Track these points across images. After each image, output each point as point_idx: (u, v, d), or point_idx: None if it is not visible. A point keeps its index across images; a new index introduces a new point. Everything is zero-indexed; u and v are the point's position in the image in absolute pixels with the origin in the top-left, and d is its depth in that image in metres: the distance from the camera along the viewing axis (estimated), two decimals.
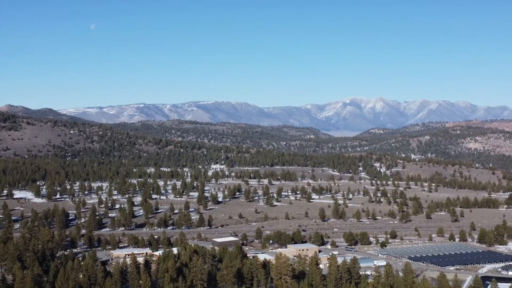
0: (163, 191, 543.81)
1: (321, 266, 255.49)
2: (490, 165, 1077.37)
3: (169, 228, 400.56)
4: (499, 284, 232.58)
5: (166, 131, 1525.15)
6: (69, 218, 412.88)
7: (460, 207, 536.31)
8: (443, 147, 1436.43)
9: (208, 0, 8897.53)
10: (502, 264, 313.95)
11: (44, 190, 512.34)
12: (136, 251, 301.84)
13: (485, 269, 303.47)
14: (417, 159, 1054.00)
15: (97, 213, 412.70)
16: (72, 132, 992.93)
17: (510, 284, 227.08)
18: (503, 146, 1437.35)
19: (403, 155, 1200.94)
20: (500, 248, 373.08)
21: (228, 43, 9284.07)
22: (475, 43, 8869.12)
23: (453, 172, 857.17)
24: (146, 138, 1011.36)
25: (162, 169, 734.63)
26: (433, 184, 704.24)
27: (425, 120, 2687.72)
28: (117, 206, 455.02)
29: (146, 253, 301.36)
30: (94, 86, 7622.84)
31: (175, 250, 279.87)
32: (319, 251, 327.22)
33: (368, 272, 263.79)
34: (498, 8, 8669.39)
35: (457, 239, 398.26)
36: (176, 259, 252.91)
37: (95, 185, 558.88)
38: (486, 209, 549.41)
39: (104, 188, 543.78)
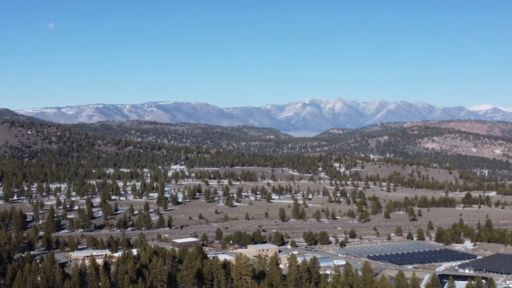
0: (123, 192, 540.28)
1: (281, 266, 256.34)
2: (447, 164, 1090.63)
3: (128, 229, 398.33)
4: (456, 282, 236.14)
5: (126, 132, 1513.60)
6: (27, 220, 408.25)
7: (418, 207, 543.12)
8: (401, 147, 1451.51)
9: (167, 3, 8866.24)
10: (459, 262, 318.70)
11: (1, 192, 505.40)
12: (95, 252, 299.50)
13: (443, 267, 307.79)
14: (376, 159, 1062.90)
15: (56, 215, 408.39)
16: (29, 132, 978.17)
17: (466, 282, 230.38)
18: (460, 146, 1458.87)
19: (362, 155, 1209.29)
20: (457, 247, 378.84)
21: (188, 44, 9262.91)
22: (431, 45, 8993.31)
23: (411, 172, 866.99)
24: (105, 139, 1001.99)
25: (121, 170, 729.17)
26: (392, 184, 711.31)
27: (384, 120, 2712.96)
28: (76, 207, 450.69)
29: (106, 254, 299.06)
30: (52, 86, 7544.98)
31: (134, 251, 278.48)
32: (279, 251, 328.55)
33: (328, 272, 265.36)
34: (456, 12, 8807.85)
35: (415, 238, 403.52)
36: (135, 261, 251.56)
37: (53, 186, 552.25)
38: (444, 208, 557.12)
39: (62, 189, 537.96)
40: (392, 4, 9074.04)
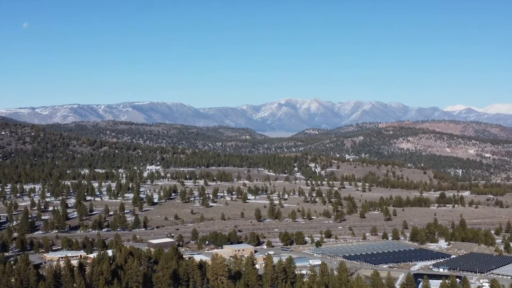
0: (98, 193, 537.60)
1: (257, 266, 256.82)
2: (422, 164, 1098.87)
3: (104, 230, 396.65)
4: (430, 281, 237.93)
5: (101, 132, 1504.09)
6: (1, 221, 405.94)
7: (393, 206, 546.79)
8: (377, 147, 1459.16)
9: (142, 4, 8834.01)
10: (433, 262, 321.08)
11: None
12: (70, 253, 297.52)
13: (417, 266, 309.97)
14: (351, 159, 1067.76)
15: (30, 216, 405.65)
16: (3, 133, 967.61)
17: (441, 281, 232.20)
18: (434, 146, 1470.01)
19: (338, 155, 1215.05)
20: (432, 246, 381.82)
21: (164, 45, 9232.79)
22: (406, 47, 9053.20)
23: (386, 172, 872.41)
24: (80, 139, 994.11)
25: (96, 170, 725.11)
26: (367, 184, 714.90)
27: (359, 120, 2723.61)
28: (50, 208, 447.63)
29: (81, 255, 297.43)
30: (26, 86, 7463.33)
31: (110, 252, 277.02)
32: (255, 251, 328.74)
33: (304, 272, 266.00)
34: (430, 15, 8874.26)
35: (390, 238, 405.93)
36: (111, 261, 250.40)
37: (27, 187, 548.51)
38: (418, 208, 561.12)
39: (37, 190, 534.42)
40: (367, 7, 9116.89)
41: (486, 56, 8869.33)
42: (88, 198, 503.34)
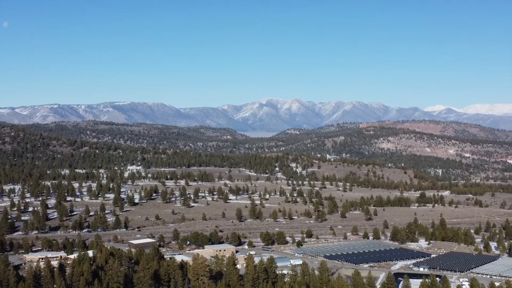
0: (78, 193, 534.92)
1: (238, 266, 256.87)
2: (402, 164, 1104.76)
3: (84, 230, 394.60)
4: (410, 280, 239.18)
5: (81, 132, 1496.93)
6: None
7: (374, 206, 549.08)
8: (357, 147, 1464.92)
9: (120, 5, 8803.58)
10: (413, 261, 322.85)
11: None
12: (50, 254, 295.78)
13: (398, 265, 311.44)
14: (332, 159, 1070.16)
15: (9, 217, 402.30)
16: None
17: (421, 280, 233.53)
18: (414, 146, 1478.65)
19: (319, 155, 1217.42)
20: (412, 245, 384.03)
21: (144, 45, 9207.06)
22: (386, 48, 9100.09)
23: (366, 171, 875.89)
24: (60, 139, 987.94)
25: (77, 170, 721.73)
26: (348, 184, 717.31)
27: (340, 120, 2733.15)
28: (30, 209, 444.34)
29: (61, 256, 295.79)
30: (5, 86, 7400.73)
31: (90, 253, 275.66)
32: (236, 251, 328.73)
33: (285, 271, 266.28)
34: (409, 15, 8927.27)
35: (371, 237, 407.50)
36: (91, 262, 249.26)
37: (7, 187, 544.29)
38: (399, 207, 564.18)
39: (16, 190, 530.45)
40: (348, 8, 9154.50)
41: (466, 57, 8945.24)
42: (68, 198, 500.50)
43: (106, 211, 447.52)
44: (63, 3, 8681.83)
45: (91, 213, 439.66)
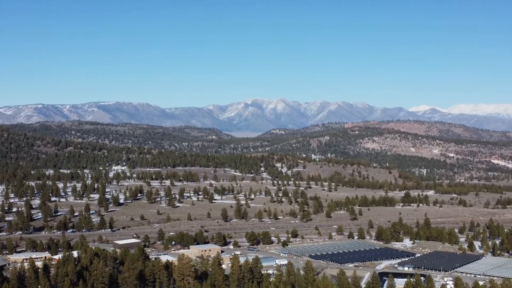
0: (63, 193, 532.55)
1: (223, 266, 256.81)
2: (387, 164, 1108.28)
3: (69, 231, 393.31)
4: (395, 279, 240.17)
5: (66, 132, 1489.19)
6: None
7: (359, 206, 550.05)
8: (342, 147, 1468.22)
9: (104, 3, 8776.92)
10: (398, 260, 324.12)
11: None
12: (34, 255, 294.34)
13: (382, 265, 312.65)
14: (317, 159, 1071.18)
15: None
16: None
17: (406, 279, 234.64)
18: (399, 146, 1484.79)
19: (304, 155, 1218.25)
20: (397, 245, 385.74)
21: (130, 44, 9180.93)
22: (371, 48, 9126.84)
23: (352, 171, 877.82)
24: (44, 139, 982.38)
25: (61, 171, 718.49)
26: (333, 184, 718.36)
27: (325, 120, 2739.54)
28: (14, 209, 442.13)
29: (45, 257, 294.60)
30: None
31: (75, 254, 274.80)
32: (222, 251, 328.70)
33: (270, 271, 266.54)
34: (392, 16, 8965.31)
35: (356, 237, 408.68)
36: (76, 263, 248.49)
37: None
38: (383, 207, 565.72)
39: (0, 191, 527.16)
40: (333, 9, 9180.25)
41: (450, 58, 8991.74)
42: (53, 199, 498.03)
43: (91, 212, 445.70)
44: (46, 4, 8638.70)
45: (76, 214, 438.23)
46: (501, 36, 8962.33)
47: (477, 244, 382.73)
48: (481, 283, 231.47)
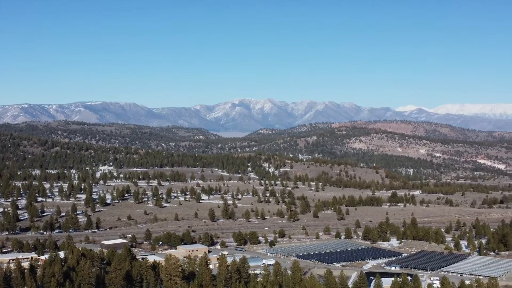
0: (49, 194, 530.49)
1: (211, 266, 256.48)
2: (374, 164, 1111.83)
3: (55, 231, 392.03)
4: (382, 279, 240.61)
5: (52, 132, 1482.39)
6: None
7: (346, 206, 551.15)
8: (330, 147, 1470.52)
9: (95, 2, 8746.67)
10: (385, 260, 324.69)
11: None
12: (20, 255, 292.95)
13: (370, 265, 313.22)
14: (304, 159, 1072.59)
15: None
16: None
17: (393, 278, 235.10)
18: (386, 146, 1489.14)
19: (291, 155, 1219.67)
20: (384, 245, 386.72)
21: (115, 42, 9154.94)
22: (358, 48, 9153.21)
23: (339, 171, 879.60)
24: (31, 139, 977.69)
25: (48, 171, 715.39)
26: (320, 184, 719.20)
27: (312, 120, 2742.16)
28: (1, 210, 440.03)
29: (32, 257, 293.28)
30: None
31: (62, 254, 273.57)
32: (209, 252, 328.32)
33: (258, 271, 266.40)
34: (380, 17, 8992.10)
35: (343, 237, 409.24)
36: (63, 263, 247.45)
37: None
38: (370, 207, 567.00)
39: None
40: (319, 9, 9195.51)
41: (437, 58, 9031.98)
42: (39, 199, 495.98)
43: (77, 212, 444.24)
44: (29, 3, 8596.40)
45: (63, 214, 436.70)
46: (487, 36, 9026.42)
47: (463, 243, 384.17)
48: (467, 282, 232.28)
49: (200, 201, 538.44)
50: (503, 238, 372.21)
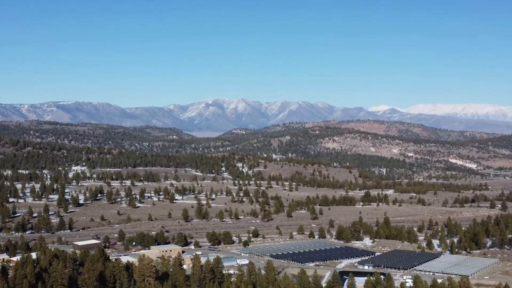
0: (21, 194, 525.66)
1: (184, 266, 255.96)
2: (347, 164, 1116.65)
3: (27, 232, 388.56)
4: (355, 278, 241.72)
5: (24, 132, 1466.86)
6: None
7: (320, 205, 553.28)
8: (303, 147, 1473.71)
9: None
10: (358, 259, 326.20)
11: None
12: None
13: (343, 264, 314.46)
14: (278, 159, 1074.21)
15: None
16: None
17: (366, 278, 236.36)
18: (359, 146, 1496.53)
19: (265, 155, 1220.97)
20: (357, 244, 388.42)
21: (89, 42, 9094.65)
22: (331, 49, 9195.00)
23: (312, 171, 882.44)
24: (2, 139, 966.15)
25: (20, 171, 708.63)
26: (294, 183, 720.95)
27: (286, 120, 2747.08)
28: None
29: (3, 259, 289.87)
30: None
31: (34, 255, 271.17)
32: (183, 252, 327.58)
33: (231, 271, 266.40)
34: (352, 20, 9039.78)
35: (316, 236, 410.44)
36: (35, 264, 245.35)
37: None
38: (344, 206, 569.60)
39: None
40: (292, 10, 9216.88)
41: (409, 59, 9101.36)
42: (11, 200, 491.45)
43: (50, 212, 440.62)
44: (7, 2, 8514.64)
45: (35, 215, 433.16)
46: (458, 38, 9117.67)
47: (435, 242, 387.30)
48: (439, 281, 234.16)
49: (174, 201, 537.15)
50: (474, 237, 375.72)
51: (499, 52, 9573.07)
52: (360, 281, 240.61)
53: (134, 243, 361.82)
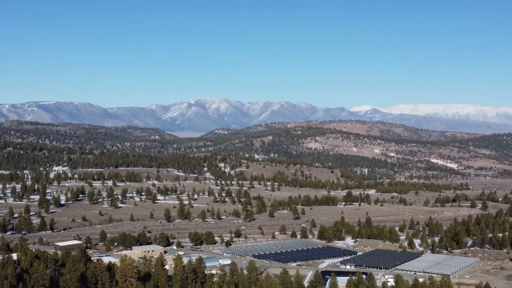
0: (2, 195, 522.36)
1: (166, 267, 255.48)
2: (329, 164, 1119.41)
3: (8, 233, 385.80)
4: (337, 277, 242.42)
5: (5, 132, 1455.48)
6: None
7: (302, 205, 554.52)
8: (285, 147, 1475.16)
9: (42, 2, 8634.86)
10: (340, 259, 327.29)
11: None
12: None
13: (325, 264, 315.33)
14: (260, 159, 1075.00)
15: None
16: None
17: (348, 277, 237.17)
18: (341, 146, 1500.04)
19: (247, 155, 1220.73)
20: (339, 244, 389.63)
21: (70, 42, 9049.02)
22: (313, 50, 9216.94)
23: (294, 171, 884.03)
24: None
25: (0, 171, 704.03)
26: (276, 183, 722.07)
27: (268, 120, 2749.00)
28: None
29: None
30: None
31: (15, 256, 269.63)
32: (165, 252, 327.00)
33: (214, 271, 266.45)
34: (334, 21, 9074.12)
35: (298, 236, 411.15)
36: (16, 265, 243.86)
37: None
38: (326, 206, 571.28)
39: None
40: (274, 11, 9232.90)
41: (390, 59, 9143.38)
42: None
43: (31, 213, 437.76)
44: None
45: (16, 215, 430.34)
46: (439, 39, 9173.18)
47: (417, 242, 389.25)
48: (421, 280, 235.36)
49: (156, 201, 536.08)
50: (455, 236, 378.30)
51: (480, 52, 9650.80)
52: (342, 280, 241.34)
53: (116, 243, 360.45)
